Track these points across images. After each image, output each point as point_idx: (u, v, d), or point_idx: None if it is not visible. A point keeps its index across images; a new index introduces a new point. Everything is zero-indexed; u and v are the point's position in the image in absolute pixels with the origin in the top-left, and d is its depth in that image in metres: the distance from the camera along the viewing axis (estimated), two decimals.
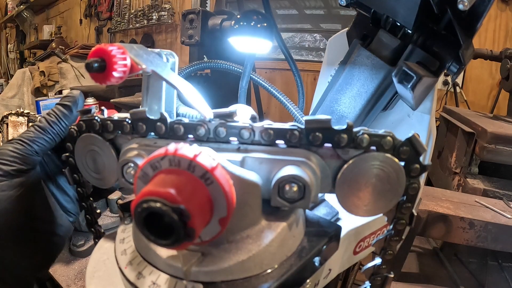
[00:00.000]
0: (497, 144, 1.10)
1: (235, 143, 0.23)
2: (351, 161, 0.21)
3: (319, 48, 2.55)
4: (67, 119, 0.31)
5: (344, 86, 0.43)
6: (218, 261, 0.21)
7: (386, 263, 0.26)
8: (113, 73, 0.22)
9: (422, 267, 1.11)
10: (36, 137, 0.30)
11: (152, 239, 0.18)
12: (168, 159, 0.19)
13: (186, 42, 1.13)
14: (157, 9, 2.91)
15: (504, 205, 0.99)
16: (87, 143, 0.27)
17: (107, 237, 0.31)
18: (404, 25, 0.36)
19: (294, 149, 0.22)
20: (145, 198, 0.17)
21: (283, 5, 2.57)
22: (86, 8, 3.82)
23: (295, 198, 0.22)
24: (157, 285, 0.21)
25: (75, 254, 0.70)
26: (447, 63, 0.36)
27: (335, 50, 0.53)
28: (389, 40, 0.39)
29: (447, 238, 0.93)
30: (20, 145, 0.29)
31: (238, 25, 0.45)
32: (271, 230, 0.22)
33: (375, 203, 0.22)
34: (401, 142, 0.21)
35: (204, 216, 0.18)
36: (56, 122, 0.31)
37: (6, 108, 1.86)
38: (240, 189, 0.21)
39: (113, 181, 0.27)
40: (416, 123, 0.47)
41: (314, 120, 0.21)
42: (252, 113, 0.28)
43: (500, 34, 1.77)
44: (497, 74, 1.67)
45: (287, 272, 0.22)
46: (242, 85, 0.53)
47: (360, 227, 0.35)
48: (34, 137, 0.30)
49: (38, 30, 4.54)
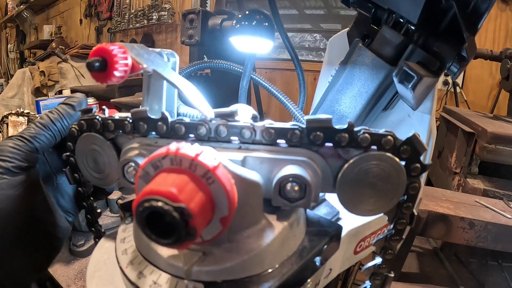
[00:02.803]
0: (497, 144, 1.10)
1: (236, 143, 0.23)
2: (352, 161, 0.21)
3: (319, 48, 2.55)
4: (70, 118, 0.31)
5: (345, 86, 0.43)
6: (219, 260, 0.21)
7: (386, 262, 0.26)
8: (114, 72, 0.22)
9: (422, 267, 1.11)
10: (37, 133, 0.29)
11: (154, 239, 0.18)
12: (169, 158, 0.19)
13: (186, 42, 1.13)
14: (157, 9, 2.91)
15: (504, 205, 0.99)
16: (88, 143, 0.27)
17: (108, 236, 0.31)
18: (408, 19, 0.36)
19: (295, 148, 0.22)
20: (147, 197, 0.17)
21: (283, 5, 2.58)
22: (86, 8, 3.82)
23: (296, 198, 0.22)
24: (158, 284, 0.21)
25: (75, 254, 0.70)
26: (448, 63, 0.36)
27: (335, 50, 0.53)
28: (392, 36, 0.38)
29: (447, 238, 0.93)
30: (20, 141, 0.28)
31: (240, 25, 0.45)
32: (272, 230, 0.22)
33: (375, 203, 0.22)
34: (401, 141, 0.21)
35: (205, 216, 0.18)
36: (59, 119, 0.30)
37: (6, 108, 1.86)
38: (242, 189, 0.21)
39: (114, 180, 0.27)
40: (416, 123, 0.47)
41: (315, 119, 0.21)
42: (253, 112, 0.28)
43: (500, 34, 1.77)
44: (497, 74, 1.67)
45: (288, 271, 0.22)
46: (243, 85, 0.53)
47: (360, 227, 0.35)
48: (35, 133, 0.29)
49: (38, 30, 4.53)
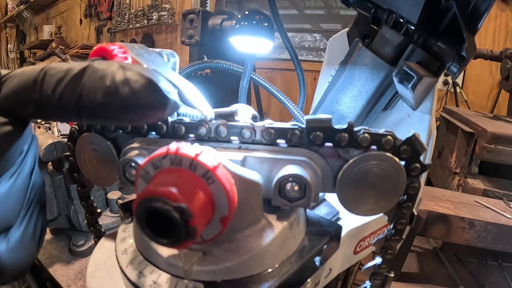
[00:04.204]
0: (497, 144, 1.10)
1: (236, 143, 0.23)
2: (352, 161, 0.21)
3: (319, 48, 2.55)
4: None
5: (345, 86, 0.43)
6: (219, 260, 0.21)
7: (386, 262, 0.26)
8: None
9: (422, 267, 1.11)
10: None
11: (154, 238, 0.18)
12: (169, 158, 0.19)
13: (186, 42, 1.14)
14: (157, 9, 2.91)
15: (504, 205, 0.99)
16: (88, 142, 0.27)
17: (108, 236, 0.31)
18: (408, 18, 0.36)
19: (295, 148, 0.22)
20: (147, 197, 0.17)
21: (283, 5, 2.58)
22: (86, 8, 3.82)
23: (296, 198, 0.22)
24: (158, 284, 0.21)
25: (75, 254, 0.70)
26: (448, 63, 0.36)
27: (335, 50, 0.53)
28: (392, 36, 0.39)
29: (447, 238, 0.93)
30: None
31: (240, 25, 0.45)
32: (272, 230, 0.22)
33: (375, 203, 0.22)
34: (401, 141, 0.21)
35: (205, 215, 0.18)
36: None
37: None
38: (241, 188, 0.21)
39: (114, 180, 0.27)
40: (416, 123, 0.47)
41: (315, 119, 0.21)
42: (253, 112, 0.28)
43: (500, 34, 1.77)
44: (497, 74, 1.67)
45: (288, 271, 0.22)
46: (243, 85, 0.53)
47: (360, 227, 0.35)
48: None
49: (38, 30, 4.54)
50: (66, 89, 0.18)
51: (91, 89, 0.18)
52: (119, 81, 0.18)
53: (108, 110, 0.18)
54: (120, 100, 0.18)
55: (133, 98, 0.18)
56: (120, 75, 0.18)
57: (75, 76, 0.18)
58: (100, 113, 0.19)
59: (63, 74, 0.19)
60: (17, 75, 0.20)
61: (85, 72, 0.18)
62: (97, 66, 0.19)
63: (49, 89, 0.19)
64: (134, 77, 0.18)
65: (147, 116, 0.19)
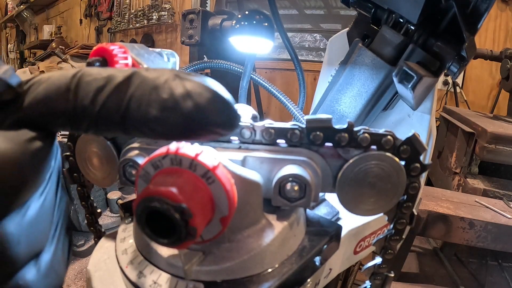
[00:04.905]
0: (497, 144, 1.10)
1: (236, 142, 0.23)
2: (352, 160, 0.21)
3: (319, 48, 2.55)
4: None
5: (345, 86, 0.43)
6: (219, 260, 0.21)
7: (386, 262, 0.26)
8: None
9: (422, 267, 1.11)
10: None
11: (154, 238, 0.18)
12: (169, 158, 0.19)
13: (186, 42, 1.13)
14: (157, 9, 2.91)
15: (504, 205, 0.99)
16: (88, 142, 0.27)
17: (108, 236, 0.31)
18: (408, 19, 0.36)
19: (295, 148, 0.22)
20: (147, 197, 0.17)
21: (283, 5, 2.58)
22: (86, 8, 3.82)
23: (296, 197, 0.22)
24: (158, 284, 0.21)
25: (75, 254, 0.70)
26: (448, 63, 0.36)
27: (335, 50, 0.53)
28: (392, 36, 0.39)
29: (447, 238, 0.93)
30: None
31: (240, 25, 0.45)
32: (272, 230, 0.22)
33: (375, 203, 0.22)
34: (401, 141, 0.21)
35: (205, 215, 0.18)
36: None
37: None
38: (242, 188, 0.21)
39: (114, 180, 0.27)
40: (416, 123, 0.47)
41: (315, 119, 0.21)
42: (253, 112, 0.28)
43: (500, 34, 1.77)
44: (497, 74, 1.67)
45: (288, 271, 0.22)
46: (243, 85, 0.53)
47: (360, 227, 0.35)
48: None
49: (38, 30, 4.54)
50: (109, 100, 0.16)
51: (142, 101, 0.15)
52: (179, 94, 0.15)
53: (165, 127, 0.16)
54: (182, 116, 0.15)
55: (198, 115, 0.15)
56: (179, 88, 0.15)
57: (119, 86, 0.16)
58: (156, 129, 0.16)
59: (103, 82, 0.16)
60: (42, 81, 0.17)
61: (131, 80, 0.16)
62: (145, 74, 0.16)
63: (86, 99, 0.16)
64: (197, 90, 0.15)
65: (213, 133, 0.16)
